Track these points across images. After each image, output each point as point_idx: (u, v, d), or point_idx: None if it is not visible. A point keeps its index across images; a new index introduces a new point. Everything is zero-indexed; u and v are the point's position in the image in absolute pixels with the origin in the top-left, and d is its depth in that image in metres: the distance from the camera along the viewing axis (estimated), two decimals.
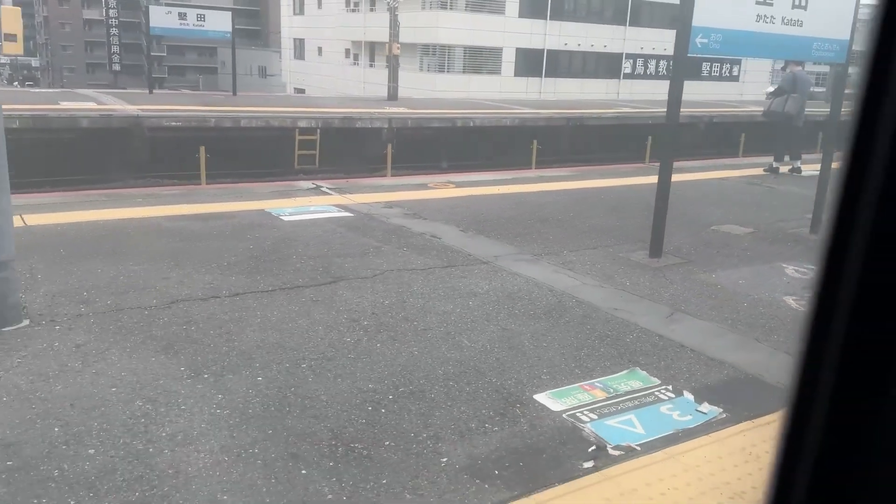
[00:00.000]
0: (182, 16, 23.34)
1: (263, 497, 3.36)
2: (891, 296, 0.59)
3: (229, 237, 7.58)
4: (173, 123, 18.37)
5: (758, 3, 7.25)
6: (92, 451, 3.62)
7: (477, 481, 3.56)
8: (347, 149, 20.63)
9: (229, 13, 25.93)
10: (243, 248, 7.18)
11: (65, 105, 18.80)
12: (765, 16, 7.29)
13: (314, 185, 10.85)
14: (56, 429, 3.80)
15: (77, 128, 17.40)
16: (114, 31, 75.19)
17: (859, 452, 0.62)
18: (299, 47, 59.65)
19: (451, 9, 43.04)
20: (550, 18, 45.33)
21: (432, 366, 4.80)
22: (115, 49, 76.72)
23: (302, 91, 53.18)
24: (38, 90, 27.00)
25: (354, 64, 51.53)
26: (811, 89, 14.17)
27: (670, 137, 7.52)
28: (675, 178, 12.79)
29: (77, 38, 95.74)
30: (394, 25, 26.83)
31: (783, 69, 14.58)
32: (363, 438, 3.89)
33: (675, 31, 6.35)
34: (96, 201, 9.12)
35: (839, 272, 0.61)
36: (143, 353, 4.73)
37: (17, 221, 7.65)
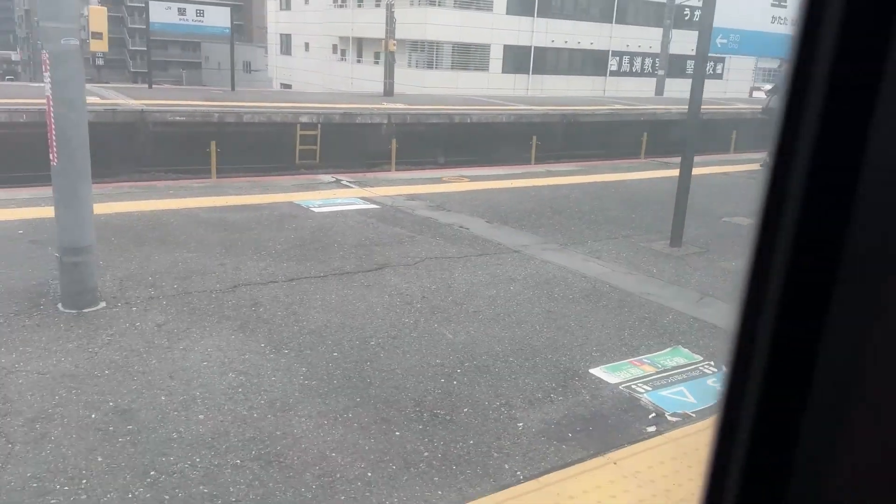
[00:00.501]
0: (181, 11, 23.42)
1: (367, 454, 3.71)
2: (814, 295, 0.59)
3: (268, 227, 7.89)
4: (178, 118, 18.53)
5: (773, 4, 7.66)
6: (202, 417, 3.95)
7: (554, 442, 3.93)
8: (348, 144, 20.89)
9: (228, 9, 26.04)
10: (285, 238, 7.49)
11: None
12: (779, 17, 7.72)
13: (335, 179, 11.16)
14: (162, 397, 4.12)
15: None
16: None
17: (787, 451, 0.62)
18: (286, 43, 59.55)
19: (439, 5, 43.28)
20: (538, 15, 45.70)
21: (490, 343, 5.16)
22: None
23: (288, 86, 53.14)
24: (37, 84, 26.84)
25: (342, 60, 51.60)
26: None
27: (693, 133, 7.91)
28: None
29: None
30: (390, 22, 27.07)
31: (780, 67, 15.08)
32: (443, 406, 4.25)
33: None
34: (129, 193, 9.37)
35: (766, 271, 0.61)
36: (222, 332, 5.05)
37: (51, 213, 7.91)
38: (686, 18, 49.00)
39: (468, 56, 45.28)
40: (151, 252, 6.68)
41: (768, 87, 13.59)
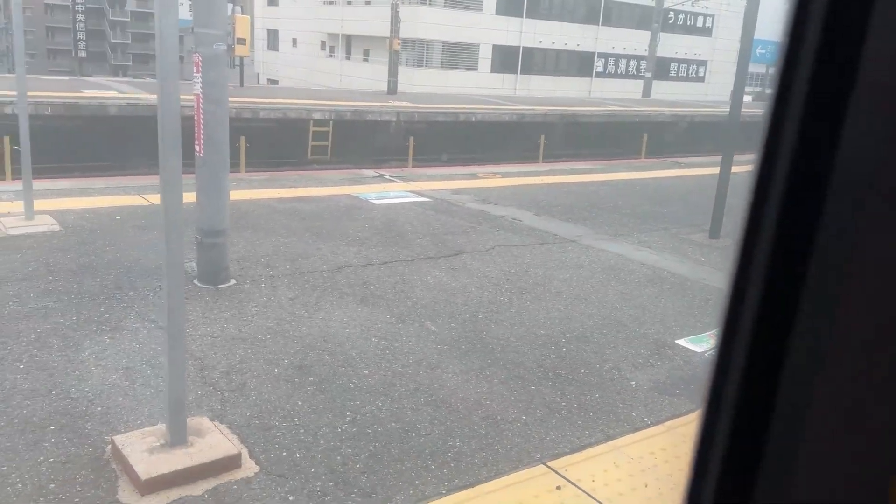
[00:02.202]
0: (189, 7, 23.78)
1: (514, 403, 4.38)
2: (787, 294, 0.60)
3: (341, 217, 8.51)
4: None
5: None
6: (366, 372, 4.60)
7: (666, 397, 4.64)
8: (358, 141, 21.47)
9: (230, 3, 26.42)
10: (361, 226, 8.12)
11: (88, 93, 19.24)
12: None
13: (378, 174, 11.77)
14: (326, 356, 4.76)
15: (106, 115, 17.92)
16: (80, 17, 73.97)
17: (760, 454, 0.64)
18: (273, 38, 59.71)
19: (430, 4, 43.86)
20: (526, 16, 46.45)
21: (581, 318, 5.86)
22: (80, 35, 75.49)
23: (275, 82, 53.32)
24: (50, 78, 27.04)
25: (330, 56, 51.94)
26: None
27: (732, 133, 8.66)
28: (696, 172, 14.07)
29: (38, 23, 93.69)
30: (395, 21, 27.66)
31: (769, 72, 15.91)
32: (562, 367, 4.94)
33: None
34: (189, 184, 9.90)
35: (747, 276, 0.63)
36: (348, 305, 5.69)
37: (140, 201, 8.49)
38: (671, 22, 50.18)
39: (458, 55, 45.88)
40: (251, 237, 7.29)
41: (770, 91, 14.28)
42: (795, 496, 0.63)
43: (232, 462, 3.47)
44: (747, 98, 13.09)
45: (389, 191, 10.34)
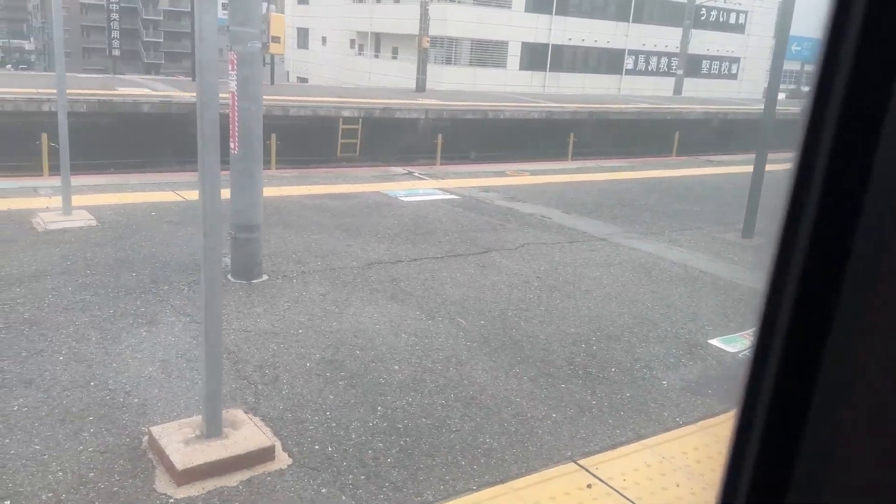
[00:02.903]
0: (224, 6, 24.08)
1: (545, 401, 4.38)
2: (825, 294, 0.59)
3: (370, 214, 8.56)
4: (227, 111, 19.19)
5: None
6: (397, 367, 4.63)
7: (699, 397, 4.61)
8: (387, 138, 21.55)
9: (264, 2, 26.66)
10: (390, 223, 8.16)
11: (123, 91, 19.55)
12: None
13: (407, 171, 11.82)
14: (357, 352, 4.80)
15: (139, 113, 18.19)
16: (114, 15, 75.21)
17: (792, 452, 0.64)
18: (303, 36, 60.14)
19: (459, 2, 43.85)
20: (556, 13, 46.23)
21: (612, 317, 5.84)
22: (114, 34, 76.71)
23: (305, 80, 53.72)
24: (85, 76, 27.49)
25: (359, 54, 52.18)
26: None
27: (766, 132, 8.55)
28: (729, 170, 13.91)
29: (73, 21, 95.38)
30: (424, 19, 27.71)
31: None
32: (592, 365, 4.93)
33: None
34: (223, 181, 10.01)
35: (785, 274, 0.62)
36: (378, 301, 5.73)
37: (174, 197, 8.61)
38: (703, 18, 49.61)
39: (486, 53, 45.82)
40: (283, 233, 7.36)
41: (807, 88, 14.07)
42: (828, 498, 0.63)
43: (266, 454, 3.52)
44: (781, 96, 12.91)
45: (418, 188, 10.37)
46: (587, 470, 3.65)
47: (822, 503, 0.64)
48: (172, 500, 3.20)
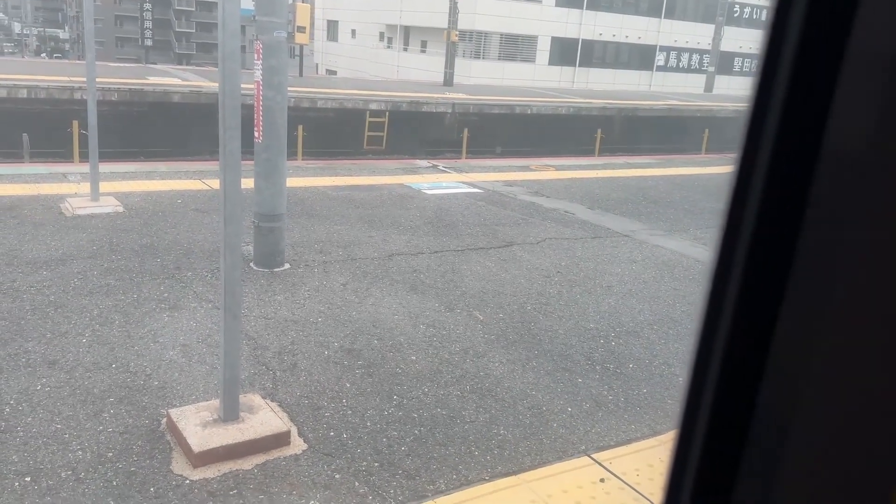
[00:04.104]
0: None
1: (561, 395, 4.37)
2: (767, 294, 0.58)
3: (393, 205, 8.59)
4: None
5: None
6: (414, 358, 4.65)
7: None
8: (413, 131, 21.57)
9: None
10: (413, 215, 8.18)
11: (153, 80, 19.79)
12: None
13: (431, 164, 11.83)
14: (375, 341, 4.83)
15: (169, 102, 18.40)
16: (147, 5, 76.12)
17: (735, 454, 0.63)
18: (332, 29, 60.36)
19: None
20: (587, 8, 45.87)
21: (631, 314, 5.80)
22: (147, 24, 77.62)
23: (334, 72, 53.92)
24: (117, 65, 27.89)
25: (388, 48, 52.25)
26: None
27: None
28: None
29: (107, 11, 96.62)
30: (453, 13, 27.66)
31: None
32: (610, 361, 4.90)
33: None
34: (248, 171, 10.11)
35: (727, 278, 0.61)
36: (398, 292, 5.75)
37: (201, 185, 8.71)
38: (736, 15, 48.95)
39: (515, 47, 45.64)
40: (306, 224, 7.42)
41: None
42: (773, 496, 0.62)
43: (281, 439, 3.56)
44: None
45: (442, 181, 10.38)
46: (601, 464, 3.64)
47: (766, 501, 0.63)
48: (188, 482, 3.25)
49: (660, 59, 50.25)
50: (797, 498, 0.61)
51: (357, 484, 3.33)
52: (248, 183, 4.83)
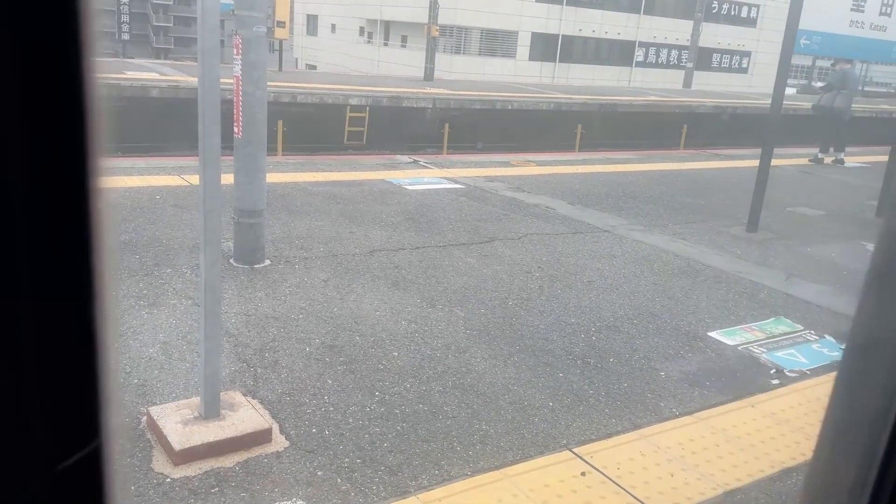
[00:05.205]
0: None
1: (541, 390, 4.39)
2: None
3: (374, 201, 8.57)
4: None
5: (852, 9, 8.25)
6: (396, 354, 4.65)
7: (696, 388, 4.61)
8: (394, 127, 21.52)
9: None
10: (394, 211, 8.17)
11: (130, 75, 19.57)
12: (857, 21, 8.32)
13: (412, 160, 11.81)
14: (357, 337, 4.82)
15: (147, 97, 18.21)
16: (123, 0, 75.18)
17: None
18: (312, 23, 60.03)
19: None
20: (567, 4, 45.99)
21: (612, 308, 5.84)
22: (124, 18, 76.69)
23: (313, 67, 53.66)
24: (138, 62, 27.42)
25: (368, 42, 52.06)
26: (859, 87, 15.24)
27: (773, 128, 8.51)
28: (737, 164, 13.86)
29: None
30: (433, 7, 27.61)
31: (833, 66, 15.61)
32: (591, 355, 4.93)
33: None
34: (227, 166, 10.04)
35: None
36: (380, 288, 5.74)
37: (180, 182, 8.64)
38: (714, 12, 49.27)
39: (496, 42, 45.64)
40: (287, 220, 7.38)
41: (820, 84, 14.07)
42: None
43: (263, 436, 3.54)
44: (791, 91, 12.80)
45: (423, 177, 10.37)
46: (582, 458, 3.66)
47: None
48: (169, 480, 3.23)
49: (639, 54, 50.51)
50: None
51: (339, 480, 3.32)
52: (227, 179, 4.79)
